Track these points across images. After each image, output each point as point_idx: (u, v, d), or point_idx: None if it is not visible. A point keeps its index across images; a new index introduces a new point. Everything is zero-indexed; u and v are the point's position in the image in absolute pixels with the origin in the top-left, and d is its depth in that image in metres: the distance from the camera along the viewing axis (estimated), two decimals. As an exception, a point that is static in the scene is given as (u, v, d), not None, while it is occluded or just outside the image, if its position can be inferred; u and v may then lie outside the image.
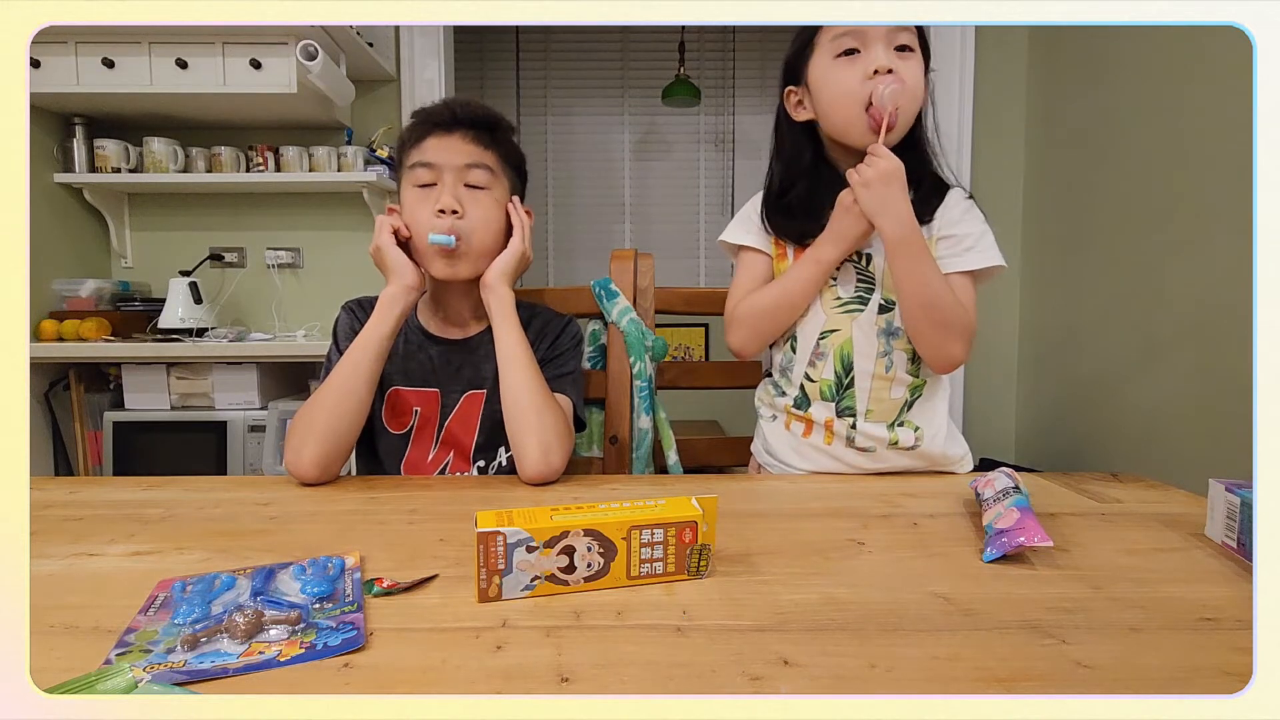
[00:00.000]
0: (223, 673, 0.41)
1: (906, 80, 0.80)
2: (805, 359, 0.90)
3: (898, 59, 0.81)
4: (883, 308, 0.87)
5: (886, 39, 0.80)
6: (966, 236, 0.85)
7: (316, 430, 0.82)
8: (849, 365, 0.87)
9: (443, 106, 0.91)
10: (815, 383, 0.89)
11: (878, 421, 0.87)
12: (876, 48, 0.80)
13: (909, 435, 0.87)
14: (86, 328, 1.91)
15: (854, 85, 0.81)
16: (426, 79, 2.22)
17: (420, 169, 0.88)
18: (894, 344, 0.87)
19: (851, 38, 0.81)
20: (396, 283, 0.87)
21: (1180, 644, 0.45)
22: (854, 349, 0.87)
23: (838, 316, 0.88)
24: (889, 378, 0.87)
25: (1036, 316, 2.15)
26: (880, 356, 0.87)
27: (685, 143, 3.41)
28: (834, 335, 0.88)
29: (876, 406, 0.87)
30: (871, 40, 0.80)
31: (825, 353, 0.88)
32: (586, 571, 0.51)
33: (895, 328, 0.86)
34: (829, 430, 0.89)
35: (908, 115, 0.82)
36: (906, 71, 0.81)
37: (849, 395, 0.88)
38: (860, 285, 0.88)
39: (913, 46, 0.82)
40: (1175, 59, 1.56)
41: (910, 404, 0.88)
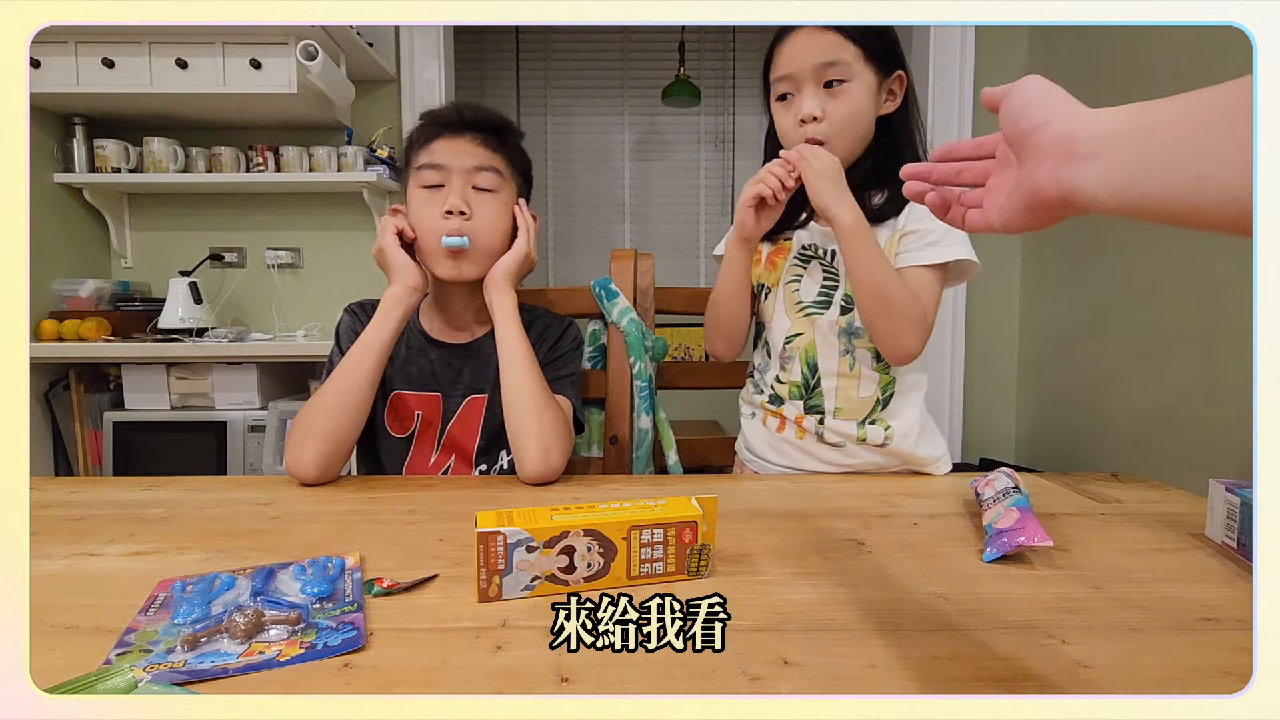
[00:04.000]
0: (223, 673, 0.41)
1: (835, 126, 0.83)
2: (776, 362, 0.93)
3: (828, 97, 0.84)
4: (844, 308, 0.88)
5: (814, 78, 0.83)
6: (930, 232, 0.86)
7: (318, 431, 0.82)
8: (814, 366, 0.90)
9: (452, 109, 0.92)
10: (785, 384, 0.92)
11: (847, 419, 0.89)
12: (805, 91, 0.84)
13: (879, 433, 0.89)
14: (86, 328, 1.91)
15: (789, 131, 0.86)
16: (426, 79, 2.22)
17: (428, 170, 0.88)
18: (855, 343, 0.88)
19: (785, 83, 0.85)
20: (400, 283, 0.87)
21: (1180, 644, 0.45)
22: (817, 351, 0.89)
23: (800, 320, 0.91)
24: (854, 375, 0.89)
25: (1036, 317, 2.15)
26: (843, 355, 0.89)
27: (685, 143, 3.41)
28: (798, 339, 0.90)
29: (845, 405, 0.89)
30: (801, 82, 0.84)
31: (792, 355, 0.91)
32: (586, 571, 0.51)
33: (856, 327, 0.88)
34: (800, 426, 0.91)
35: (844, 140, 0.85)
36: (836, 110, 0.83)
37: (816, 394, 0.90)
38: (825, 283, 0.89)
39: (846, 77, 0.83)
40: (1175, 59, 1.56)
41: (884, 402, 0.89)
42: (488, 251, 0.89)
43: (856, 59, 0.83)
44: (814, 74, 0.83)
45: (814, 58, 0.82)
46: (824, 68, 0.82)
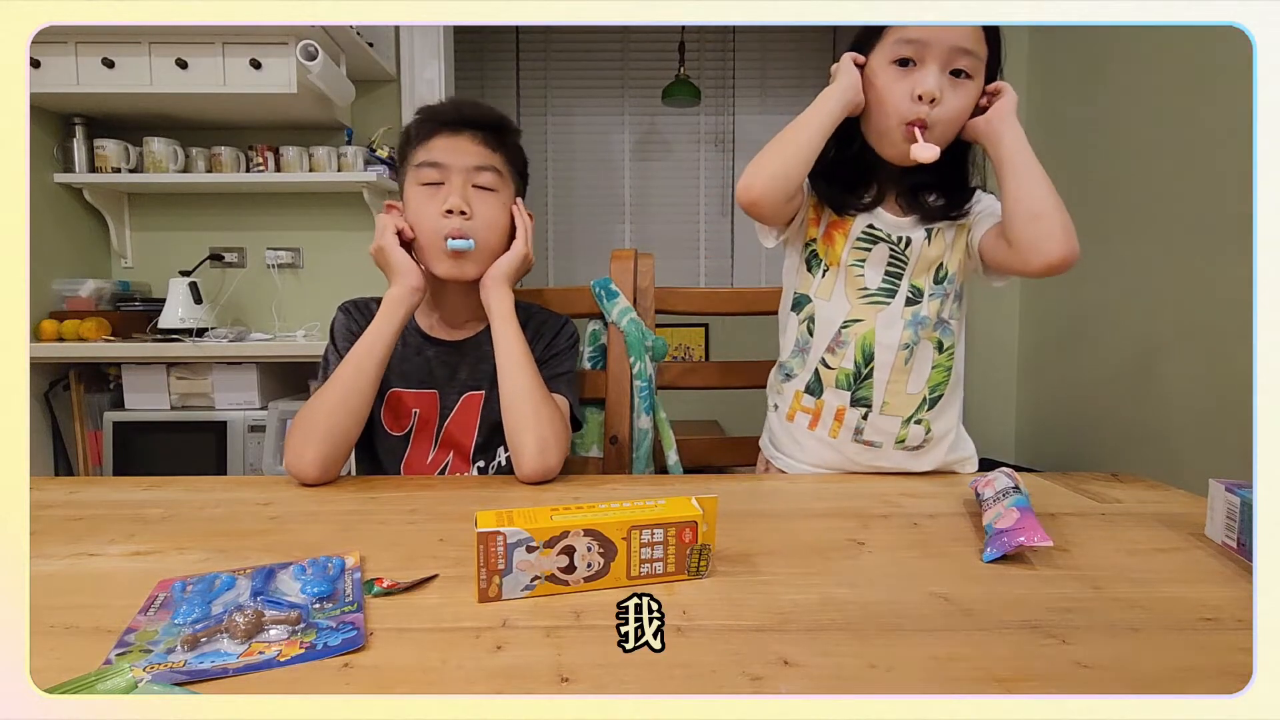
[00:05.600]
0: (223, 673, 0.41)
1: (947, 115, 0.79)
2: (824, 344, 0.88)
3: (949, 85, 0.79)
4: (910, 299, 0.86)
5: (944, 59, 0.78)
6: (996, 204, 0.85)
7: (319, 431, 0.82)
8: (869, 356, 0.86)
9: (450, 106, 0.91)
10: (833, 370, 0.88)
11: (893, 415, 0.87)
12: (931, 68, 0.78)
13: (920, 433, 0.87)
14: (86, 328, 1.91)
15: (898, 100, 0.80)
16: (426, 79, 2.22)
17: (427, 168, 0.88)
18: (922, 333, 0.86)
19: (911, 47, 0.79)
20: (402, 284, 0.87)
21: (1180, 644, 0.45)
22: (875, 341, 0.86)
23: (862, 307, 0.87)
24: (907, 370, 0.86)
25: (1036, 316, 2.16)
26: (902, 349, 0.86)
27: (685, 143, 3.41)
28: (857, 325, 0.87)
29: (893, 400, 0.87)
30: (929, 57, 0.78)
31: (847, 341, 0.87)
32: (586, 571, 0.51)
33: (923, 317, 0.85)
34: (838, 420, 0.88)
35: (947, 133, 0.82)
36: (953, 100, 0.79)
37: (866, 386, 0.87)
38: (890, 271, 0.86)
39: (971, 73, 0.80)
40: (1175, 59, 1.56)
41: (930, 401, 0.87)
42: (488, 251, 0.89)
43: (982, 60, 0.80)
44: (947, 55, 0.78)
45: (955, 39, 0.78)
46: (959, 53, 0.78)
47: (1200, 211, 1.48)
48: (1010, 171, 0.80)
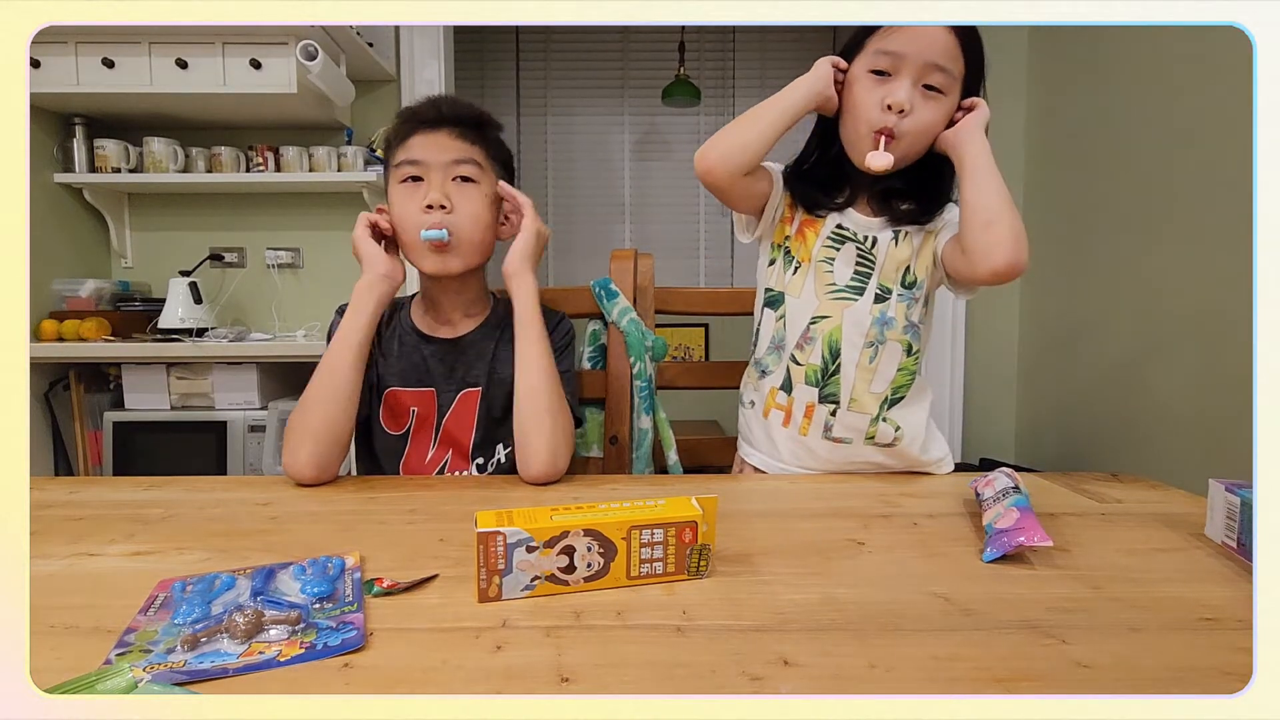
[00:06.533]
0: (223, 673, 0.41)
1: (915, 127, 0.81)
2: (794, 340, 0.90)
3: (921, 98, 0.81)
4: (878, 297, 0.87)
5: (918, 73, 0.80)
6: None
7: (309, 430, 0.82)
8: (835, 352, 0.88)
9: (428, 104, 0.92)
10: (801, 366, 0.90)
11: (860, 412, 0.88)
12: (904, 80, 0.80)
13: (889, 431, 0.88)
14: (86, 328, 1.91)
15: (869, 108, 0.82)
16: (426, 79, 2.22)
17: (406, 166, 0.88)
18: (887, 334, 0.87)
19: (887, 59, 0.81)
20: (369, 272, 0.88)
21: (1180, 644, 0.45)
22: (842, 337, 0.88)
23: (830, 303, 0.88)
24: (872, 369, 0.88)
25: (1036, 316, 2.15)
26: (867, 346, 0.87)
27: (685, 143, 3.41)
28: (824, 321, 0.88)
29: (860, 397, 0.88)
30: (904, 70, 0.80)
31: (814, 337, 0.89)
32: (586, 571, 0.51)
33: (890, 318, 0.87)
34: (807, 417, 0.90)
35: (914, 146, 0.83)
36: (923, 113, 0.81)
37: (834, 382, 0.88)
38: (859, 270, 0.88)
39: (944, 90, 0.81)
40: (1175, 59, 1.56)
41: (891, 402, 0.88)
42: (470, 243, 0.89)
43: (958, 76, 0.82)
44: (921, 69, 0.80)
45: (931, 55, 0.79)
46: (932, 69, 0.80)
47: (1200, 212, 1.48)
48: (969, 179, 0.81)
